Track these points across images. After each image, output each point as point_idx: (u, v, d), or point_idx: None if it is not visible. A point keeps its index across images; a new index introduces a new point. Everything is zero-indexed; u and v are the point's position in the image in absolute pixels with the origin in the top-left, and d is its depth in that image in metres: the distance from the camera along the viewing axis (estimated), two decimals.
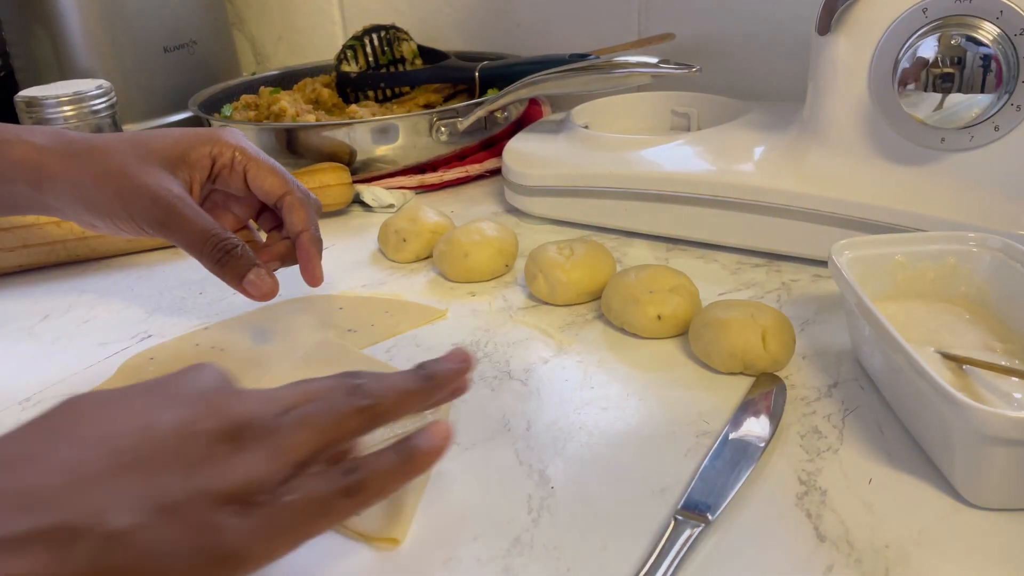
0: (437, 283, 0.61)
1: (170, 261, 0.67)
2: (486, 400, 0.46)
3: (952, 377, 0.41)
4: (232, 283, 0.47)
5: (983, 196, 0.52)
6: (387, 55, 0.93)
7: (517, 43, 0.97)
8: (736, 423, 0.42)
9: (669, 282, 0.51)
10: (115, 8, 0.87)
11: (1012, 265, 0.45)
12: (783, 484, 0.39)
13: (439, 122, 0.76)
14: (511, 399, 0.46)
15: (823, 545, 0.35)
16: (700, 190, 0.61)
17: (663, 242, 0.65)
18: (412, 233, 0.63)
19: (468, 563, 0.35)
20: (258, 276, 0.47)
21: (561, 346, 0.51)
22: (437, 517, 0.38)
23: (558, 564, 0.35)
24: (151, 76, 0.90)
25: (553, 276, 0.55)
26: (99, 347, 0.55)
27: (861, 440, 0.41)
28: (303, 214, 0.50)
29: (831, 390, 0.45)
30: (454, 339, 0.53)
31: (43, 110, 0.71)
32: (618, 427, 0.43)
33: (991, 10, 0.49)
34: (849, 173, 0.57)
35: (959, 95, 0.51)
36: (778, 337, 0.46)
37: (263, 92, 0.87)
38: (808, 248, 0.58)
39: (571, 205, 0.67)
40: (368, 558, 0.36)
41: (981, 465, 0.35)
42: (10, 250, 0.65)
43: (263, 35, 1.19)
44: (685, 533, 0.35)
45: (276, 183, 0.50)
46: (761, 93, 0.82)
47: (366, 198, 0.75)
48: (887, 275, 0.48)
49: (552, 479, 0.40)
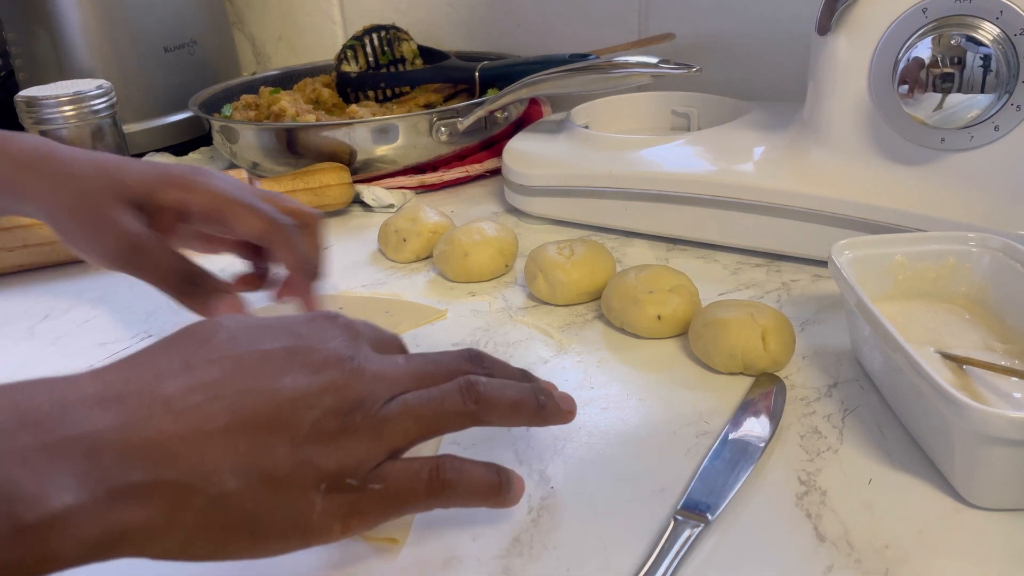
0: (437, 283, 0.61)
1: None
2: None
3: (952, 377, 0.41)
4: (200, 311, 0.47)
5: (983, 196, 0.52)
6: (387, 55, 0.93)
7: (517, 43, 0.97)
8: (736, 423, 0.42)
9: (669, 282, 0.51)
10: (115, 8, 0.87)
11: (1012, 265, 0.45)
12: (783, 484, 0.39)
13: (439, 122, 0.76)
14: None
15: (823, 545, 0.35)
16: (700, 190, 0.61)
17: (663, 242, 0.65)
18: (412, 233, 0.63)
19: (468, 563, 0.35)
20: (229, 303, 0.47)
21: (561, 346, 0.51)
22: (437, 517, 0.38)
23: (558, 564, 0.35)
24: (151, 76, 0.90)
25: (553, 276, 0.55)
26: (99, 347, 0.55)
27: (861, 440, 0.41)
28: (287, 251, 0.48)
29: (831, 390, 0.45)
30: (454, 339, 0.53)
31: (43, 110, 0.71)
32: (618, 427, 0.43)
33: (991, 10, 0.49)
34: (849, 173, 0.57)
35: (959, 95, 0.51)
36: (778, 337, 0.46)
37: (263, 92, 0.87)
38: (808, 248, 0.58)
39: (571, 205, 0.67)
40: (368, 558, 0.36)
41: (981, 465, 0.35)
42: (10, 250, 0.65)
43: (263, 35, 1.19)
44: (685, 533, 0.35)
45: (255, 224, 0.47)
46: (761, 93, 0.82)
47: (366, 198, 0.75)
48: (887, 275, 0.48)
49: (552, 479, 0.40)
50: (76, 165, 0.47)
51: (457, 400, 0.33)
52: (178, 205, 0.47)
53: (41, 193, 0.46)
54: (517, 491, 0.36)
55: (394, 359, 0.34)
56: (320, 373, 0.31)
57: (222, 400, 0.29)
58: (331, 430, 0.31)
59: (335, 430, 0.31)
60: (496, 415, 0.35)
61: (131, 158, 0.50)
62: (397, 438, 0.32)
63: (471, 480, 0.34)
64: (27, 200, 0.47)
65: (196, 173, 0.48)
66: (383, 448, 0.32)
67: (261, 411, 0.30)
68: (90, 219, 0.45)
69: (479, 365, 0.36)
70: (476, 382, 0.34)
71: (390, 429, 0.32)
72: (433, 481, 0.33)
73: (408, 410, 0.32)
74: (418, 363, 0.35)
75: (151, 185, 0.46)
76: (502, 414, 0.35)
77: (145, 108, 0.90)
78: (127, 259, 0.46)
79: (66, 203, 0.46)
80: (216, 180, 0.48)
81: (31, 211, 0.47)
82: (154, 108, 0.91)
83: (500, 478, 0.35)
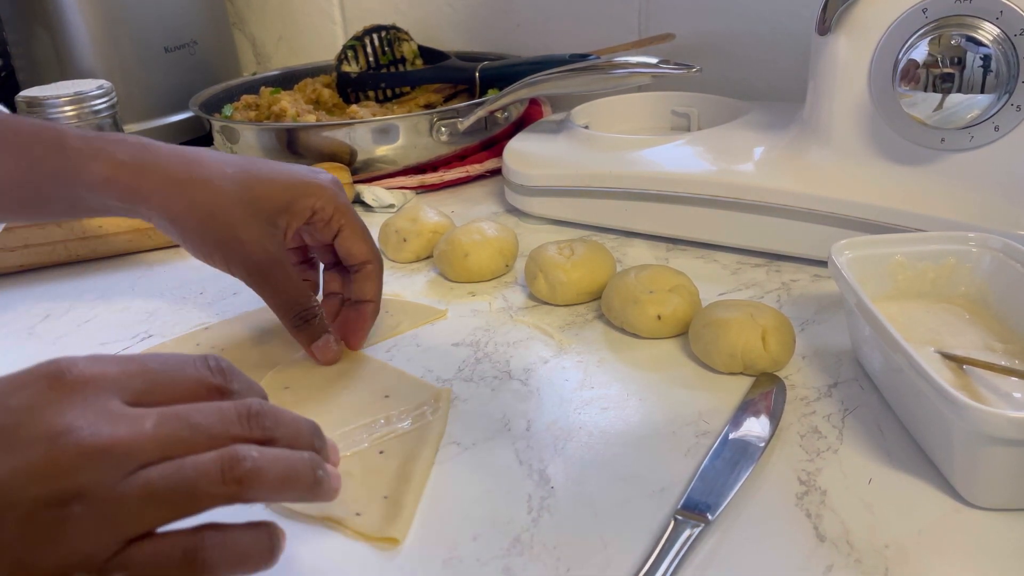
0: (437, 283, 0.61)
1: (171, 261, 0.67)
2: (486, 400, 0.46)
3: (952, 377, 0.41)
4: (303, 345, 0.50)
5: (983, 196, 0.52)
6: (388, 55, 0.93)
7: (517, 43, 0.97)
8: (736, 423, 0.42)
9: (669, 282, 0.51)
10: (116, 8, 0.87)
11: (1012, 265, 0.45)
12: (783, 484, 0.39)
13: (439, 122, 0.76)
14: (511, 399, 0.46)
15: (823, 545, 0.35)
16: (700, 190, 0.61)
17: (663, 242, 0.65)
18: (412, 233, 0.63)
19: (468, 563, 0.35)
20: (326, 343, 0.49)
21: (561, 346, 0.51)
22: (437, 517, 0.38)
23: (558, 564, 0.35)
24: (152, 76, 0.91)
25: (553, 276, 0.55)
26: (99, 347, 0.55)
27: (861, 440, 0.41)
28: (375, 286, 0.51)
29: (831, 390, 0.45)
30: (454, 339, 0.53)
31: (44, 110, 0.71)
32: (618, 427, 0.43)
33: (991, 10, 0.49)
34: (849, 173, 0.57)
35: (959, 95, 0.51)
36: (778, 337, 0.46)
37: (264, 92, 0.87)
38: (808, 248, 0.58)
39: (571, 205, 0.67)
40: (368, 558, 0.36)
41: (981, 465, 0.35)
42: (10, 250, 0.65)
43: (264, 35, 1.19)
44: (685, 533, 0.35)
45: (363, 250, 0.50)
46: (761, 93, 0.82)
47: (367, 198, 0.75)
48: (887, 275, 0.48)
49: (552, 479, 0.40)
50: (202, 171, 0.46)
51: (215, 478, 0.28)
52: (308, 212, 0.48)
53: (165, 198, 0.45)
54: (282, 547, 0.31)
55: (140, 420, 0.28)
56: (19, 453, 0.26)
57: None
58: (44, 523, 0.26)
59: (49, 523, 0.26)
60: (263, 493, 0.29)
61: (258, 159, 0.50)
62: (135, 525, 0.27)
63: (236, 553, 0.29)
64: (145, 203, 0.45)
65: (325, 183, 0.48)
66: (118, 537, 0.27)
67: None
68: (224, 234, 0.45)
69: (256, 425, 0.30)
70: (241, 458, 0.28)
71: (126, 515, 0.27)
72: (188, 564, 0.28)
73: (151, 492, 0.27)
74: (172, 426, 0.28)
75: (288, 195, 0.47)
76: (270, 491, 0.29)
77: (145, 108, 0.91)
78: (257, 281, 0.47)
79: (198, 214, 0.45)
80: (341, 194, 0.49)
81: (144, 213, 0.46)
82: (154, 108, 0.91)
83: (271, 541, 0.30)
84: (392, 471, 0.40)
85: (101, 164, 0.45)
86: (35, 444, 0.26)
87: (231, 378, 0.32)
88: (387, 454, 0.42)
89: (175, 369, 0.31)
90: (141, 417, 0.28)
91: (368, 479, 0.40)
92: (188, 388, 0.31)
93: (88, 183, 0.45)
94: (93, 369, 0.29)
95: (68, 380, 0.28)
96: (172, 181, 0.45)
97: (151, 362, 0.31)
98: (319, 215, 0.48)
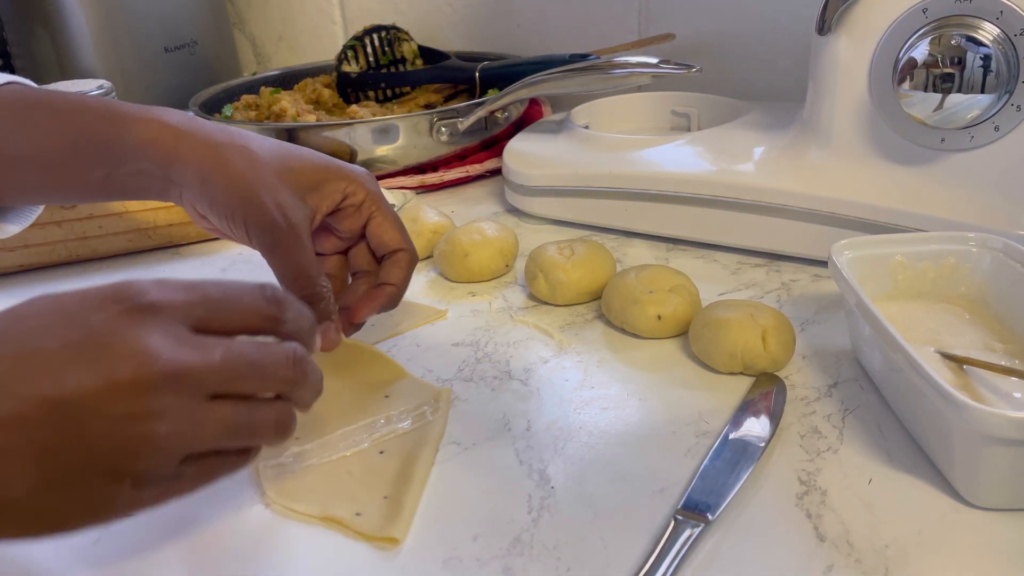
0: (437, 283, 0.61)
1: (171, 261, 0.67)
2: (486, 400, 0.46)
3: (952, 377, 0.41)
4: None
5: (983, 196, 0.52)
6: (388, 55, 0.93)
7: (517, 43, 0.97)
8: (736, 423, 0.42)
9: (669, 282, 0.51)
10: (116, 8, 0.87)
11: (1012, 265, 0.45)
12: (783, 484, 0.39)
13: (439, 122, 0.76)
14: (511, 399, 0.46)
15: (823, 545, 0.35)
16: (700, 190, 0.61)
17: (663, 242, 0.65)
18: (412, 233, 0.63)
19: (468, 563, 0.35)
20: (326, 328, 0.48)
21: (561, 346, 0.51)
22: (437, 517, 0.38)
23: (558, 564, 0.35)
24: (152, 76, 0.91)
25: (553, 276, 0.55)
26: None
27: (861, 440, 0.41)
28: (402, 273, 0.50)
29: (831, 390, 0.45)
30: (454, 339, 0.53)
31: None
32: (618, 427, 0.43)
33: (991, 10, 0.49)
34: (849, 173, 0.57)
35: (959, 95, 0.51)
36: (778, 337, 0.46)
37: (264, 92, 0.88)
38: (808, 248, 0.58)
39: (571, 205, 0.67)
40: (368, 558, 0.36)
41: (981, 465, 0.35)
42: (10, 250, 0.65)
43: (264, 35, 1.19)
44: (685, 533, 0.35)
45: (395, 237, 0.49)
46: (761, 93, 0.82)
47: None
48: (887, 275, 0.48)
49: (552, 479, 0.40)
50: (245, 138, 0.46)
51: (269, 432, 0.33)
52: (339, 195, 0.48)
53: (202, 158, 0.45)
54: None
55: (210, 350, 0.31)
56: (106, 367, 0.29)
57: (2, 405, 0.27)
58: (126, 436, 0.29)
59: (131, 437, 0.29)
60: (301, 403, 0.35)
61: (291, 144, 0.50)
62: (204, 446, 0.31)
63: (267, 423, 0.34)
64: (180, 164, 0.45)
65: (358, 171, 0.49)
66: (186, 452, 0.31)
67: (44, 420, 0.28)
68: (251, 193, 0.44)
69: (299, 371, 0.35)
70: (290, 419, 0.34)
71: (200, 438, 0.31)
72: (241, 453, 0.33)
73: (227, 426, 0.31)
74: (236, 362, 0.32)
75: (321, 175, 0.47)
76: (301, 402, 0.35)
77: None
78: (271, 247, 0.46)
79: (230, 172, 0.45)
80: (373, 182, 0.49)
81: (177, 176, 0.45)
82: None
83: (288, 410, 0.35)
84: (392, 471, 0.41)
85: (149, 124, 0.45)
86: (122, 362, 0.28)
87: (284, 308, 0.35)
88: (387, 454, 0.42)
89: (234, 298, 0.33)
90: (211, 346, 0.31)
91: (368, 479, 0.40)
92: (243, 317, 0.33)
93: (132, 143, 0.45)
94: (163, 296, 0.31)
95: (142, 305, 0.30)
96: (211, 144, 0.46)
97: (212, 290, 0.33)
98: (350, 200, 0.48)
